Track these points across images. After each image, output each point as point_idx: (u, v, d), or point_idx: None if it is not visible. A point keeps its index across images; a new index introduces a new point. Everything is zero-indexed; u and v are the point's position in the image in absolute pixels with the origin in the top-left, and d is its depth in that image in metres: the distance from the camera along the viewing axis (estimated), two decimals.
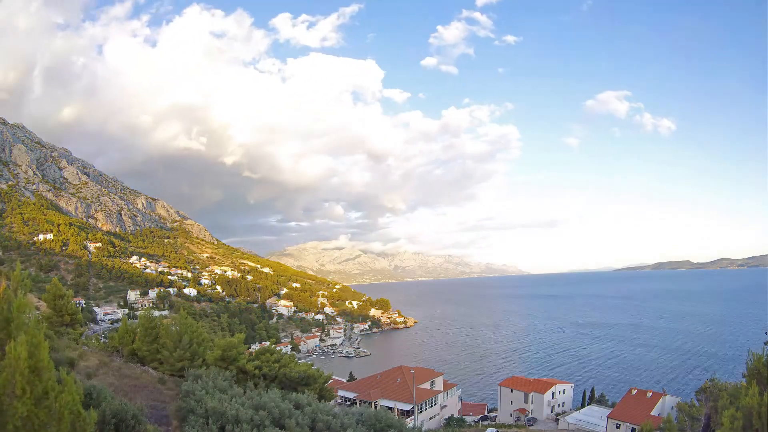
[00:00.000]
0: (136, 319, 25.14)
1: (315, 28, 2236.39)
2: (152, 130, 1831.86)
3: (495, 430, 44.84)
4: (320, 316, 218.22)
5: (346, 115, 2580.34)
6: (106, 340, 25.21)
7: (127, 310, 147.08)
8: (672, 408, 45.79)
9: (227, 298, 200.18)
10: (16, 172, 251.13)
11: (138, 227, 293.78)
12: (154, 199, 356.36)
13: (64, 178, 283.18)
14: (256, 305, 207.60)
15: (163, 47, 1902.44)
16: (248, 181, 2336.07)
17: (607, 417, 48.64)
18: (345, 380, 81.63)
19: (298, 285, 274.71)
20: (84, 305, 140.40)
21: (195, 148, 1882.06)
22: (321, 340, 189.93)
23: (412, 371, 55.16)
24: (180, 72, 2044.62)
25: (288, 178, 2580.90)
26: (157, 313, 26.81)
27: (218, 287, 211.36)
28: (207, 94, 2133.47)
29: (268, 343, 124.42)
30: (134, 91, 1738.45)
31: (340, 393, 52.27)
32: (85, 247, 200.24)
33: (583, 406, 65.31)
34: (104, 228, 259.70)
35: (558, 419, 56.91)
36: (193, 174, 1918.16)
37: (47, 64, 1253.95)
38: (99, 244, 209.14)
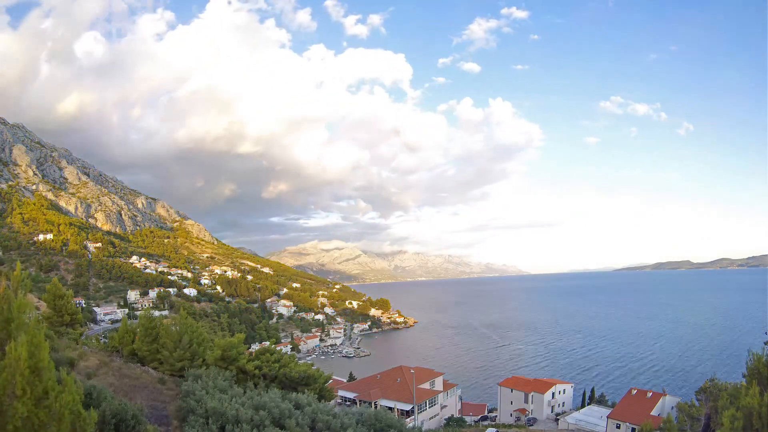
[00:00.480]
0: (136, 319, 25.14)
1: (364, 23, 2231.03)
2: (171, 117, 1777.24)
3: (495, 430, 44.84)
4: (320, 316, 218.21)
5: (375, 108, 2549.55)
6: (106, 340, 25.22)
7: (127, 310, 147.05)
8: (672, 408, 45.78)
9: (227, 298, 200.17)
10: (16, 172, 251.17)
11: (138, 227, 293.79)
12: (154, 199, 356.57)
13: (64, 178, 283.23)
14: (256, 305, 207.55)
15: (194, 26, 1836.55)
16: (267, 175, 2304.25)
17: (607, 417, 48.63)
18: (345, 380, 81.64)
19: (298, 285, 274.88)
20: (84, 305, 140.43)
21: (213, 137, 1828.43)
22: (321, 340, 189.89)
23: (412, 371, 55.13)
24: (207, 54, 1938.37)
25: (309, 172, 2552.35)
26: (157, 313, 26.83)
27: (218, 287, 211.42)
28: (234, 79, 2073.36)
29: (268, 343, 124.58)
30: (154, 73, 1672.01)
31: (340, 393, 52.25)
32: (85, 247, 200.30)
33: (583, 406, 65.31)
34: (104, 228, 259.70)
35: (558, 419, 56.90)
36: (206, 167, 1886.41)
37: (59, 37, 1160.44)
38: (99, 244, 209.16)
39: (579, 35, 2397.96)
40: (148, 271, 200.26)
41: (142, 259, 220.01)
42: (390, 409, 45.46)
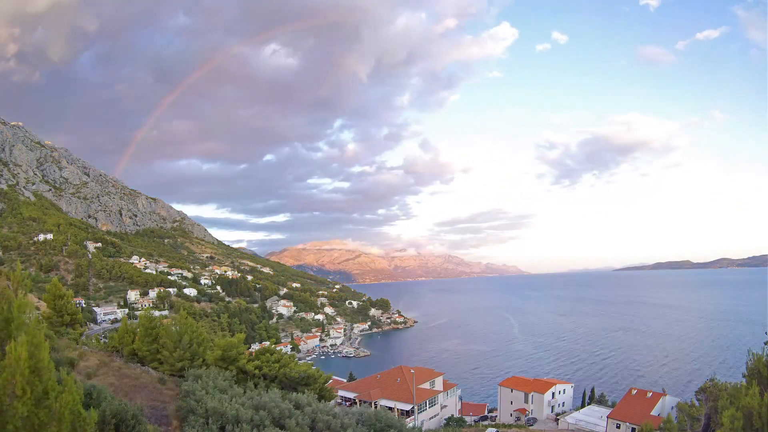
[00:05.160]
0: (136, 319, 25.12)
1: None
2: None
3: (495, 430, 44.83)
4: (320, 316, 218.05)
5: None
6: (106, 340, 25.19)
7: (127, 310, 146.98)
8: (672, 408, 45.74)
9: (227, 298, 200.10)
10: (16, 172, 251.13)
11: (138, 227, 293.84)
12: (154, 199, 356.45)
13: (64, 178, 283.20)
14: (256, 305, 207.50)
15: None
16: None
17: (607, 417, 48.60)
18: (345, 380, 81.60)
19: (298, 285, 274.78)
20: (84, 305, 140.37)
21: None
22: (321, 340, 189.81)
23: (412, 371, 55.11)
24: None
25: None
26: (157, 313, 26.86)
27: (218, 287, 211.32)
28: None
29: (268, 343, 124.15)
30: None
31: (340, 393, 52.22)
32: (85, 247, 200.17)
33: (583, 406, 65.25)
34: (104, 228, 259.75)
35: (558, 419, 56.87)
36: None
37: None
38: (99, 244, 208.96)
39: None
40: (148, 271, 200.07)
41: (142, 259, 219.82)
42: (390, 409, 45.46)
